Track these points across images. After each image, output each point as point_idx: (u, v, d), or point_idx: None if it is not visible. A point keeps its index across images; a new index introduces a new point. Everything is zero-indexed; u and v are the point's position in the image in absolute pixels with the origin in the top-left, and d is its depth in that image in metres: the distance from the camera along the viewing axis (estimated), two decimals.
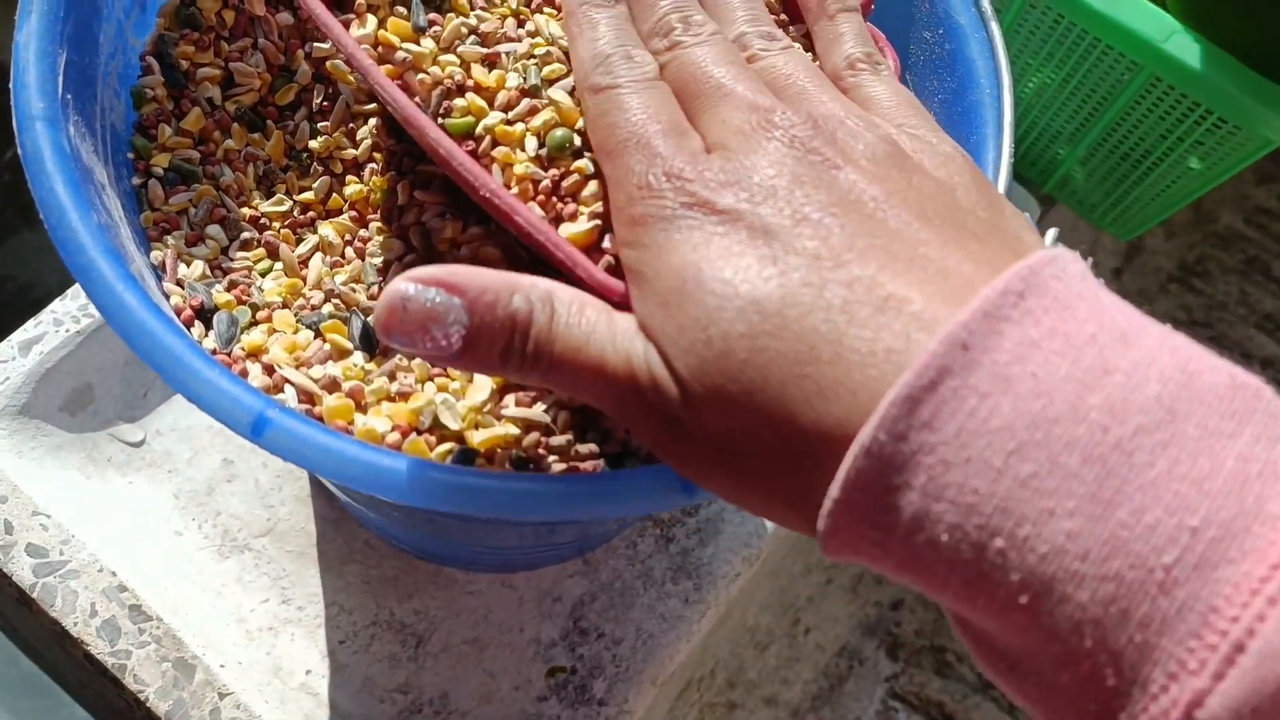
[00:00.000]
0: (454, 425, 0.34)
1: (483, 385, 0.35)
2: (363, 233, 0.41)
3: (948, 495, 0.23)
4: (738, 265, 0.27)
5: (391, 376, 0.36)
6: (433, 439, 0.34)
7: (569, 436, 0.35)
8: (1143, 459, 0.22)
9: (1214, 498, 0.22)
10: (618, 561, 0.59)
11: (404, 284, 0.28)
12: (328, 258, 0.41)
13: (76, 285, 0.59)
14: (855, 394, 0.25)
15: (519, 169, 0.35)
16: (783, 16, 0.42)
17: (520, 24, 0.39)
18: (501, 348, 0.28)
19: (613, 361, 0.28)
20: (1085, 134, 0.65)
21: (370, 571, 0.57)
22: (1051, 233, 0.36)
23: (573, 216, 0.34)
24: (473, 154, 0.35)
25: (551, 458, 0.34)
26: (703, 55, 0.32)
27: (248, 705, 0.51)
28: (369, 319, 0.38)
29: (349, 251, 0.41)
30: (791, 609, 0.79)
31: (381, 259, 0.40)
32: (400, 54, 0.37)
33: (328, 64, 0.43)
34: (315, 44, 0.43)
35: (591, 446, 0.35)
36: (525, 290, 0.29)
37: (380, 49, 0.38)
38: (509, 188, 0.35)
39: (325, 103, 0.43)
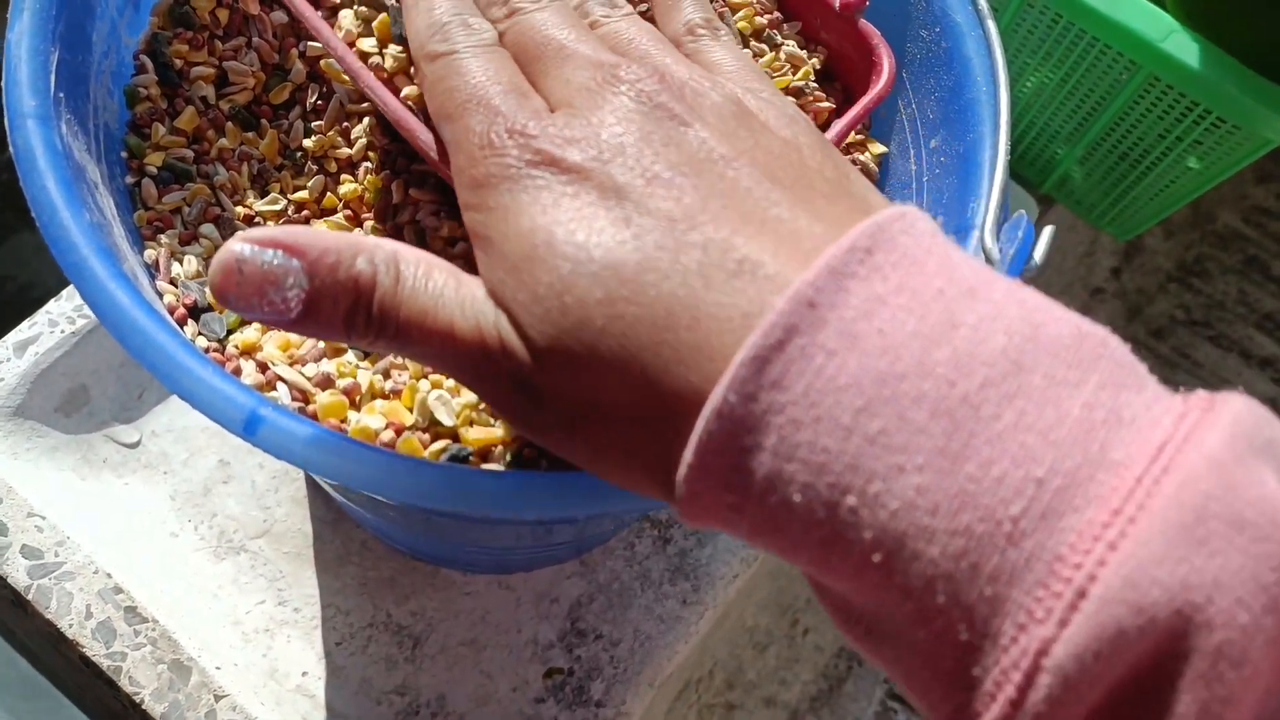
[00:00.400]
0: (448, 422, 0.34)
1: None
2: (357, 231, 0.41)
3: (799, 455, 0.23)
4: (590, 228, 0.26)
5: (386, 374, 0.36)
6: (426, 437, 0.34)
7: None
8: (989, 411, 0.22)
9: (1059, 447, 0.22)
10: (615, 563, 0.58)
11: (239, 245, 0.26)
12: None
13: (71, 286, 0.59)
14: (712, 359, 0.24)
15: None
16: (775, 15, 0.41)
17: None
18: (345, 312, 0.27)
19: (461, 327, 0.27)
20: (1084, 133, 0.64)
21: (367, 573, 0.56)
22: (1047, 231, 0.36)
23: None
24: None
25: (546, 455, 0.34)
26: (543, 20, 0.32)
27: (244, 707, 0.51)
28: None
29: None
30: (790, 610, 0.78)
31: None
32: (375, 59, 0.36)
33: (322, 63, 0.43)
34: (309, 43, 0.43)
35: None
36: (369, 252, 0.28)
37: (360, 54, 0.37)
38: None
39: (319, 102, 0.43)
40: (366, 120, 0.42)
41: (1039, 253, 0.35)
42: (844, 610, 0.25)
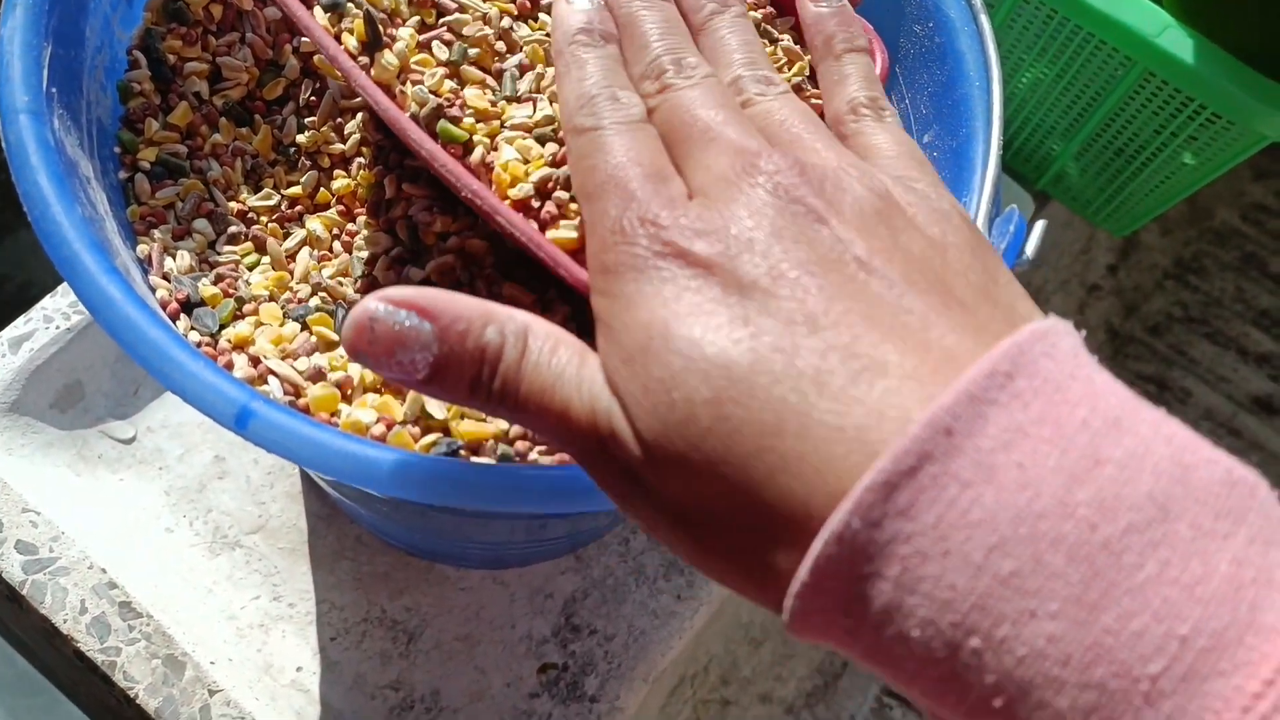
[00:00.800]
0: (440, 416, 0.34)
1: None
2: (350, 226, 0.41)
3: (922, 589, 0.22)
4: (707, 324, 0.25)
5: None
6: (417, 431, 0.34)
7: None
8: (1131, 560, 0.21)
9: (1205, 604, 0.20)
10: (610, 558, 0.58)
11: (373, 303, 0.26)
12: (315, 252, 0.41)
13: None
14: (820, 472, 0.23)
15: (517, 190, 0.34)
16: (769, 10, 0.41)
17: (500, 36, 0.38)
18: (469, 380, 0.27)
19: (577, 410, 0.27)
20: (1079, 129, 0.64)
21: (361, 568, 0.56)
22: (1039, 225, 0.36)
23: (556, 220, 0.34)
24: (457, 156, 0.35)
25: (538, 449, 0.34)
26: (693, 98, 0.30)
27: (238, 702, 0.51)
28: None
29: (336, 245, 0.41)
30: None
31: (369, 252, 0.40)
32: (363, 60, 0.36)
33: (315, 59, 0.43)
34: (303, 39, 0.43)
35: None
36: (500, 322, 0.27)
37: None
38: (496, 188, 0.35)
39: (313, 98, 0.43)
40: (359, 116, 0.42)
41: (1031, 247, 0.35)
42: None
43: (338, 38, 0.36)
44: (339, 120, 0.43)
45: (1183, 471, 0.21)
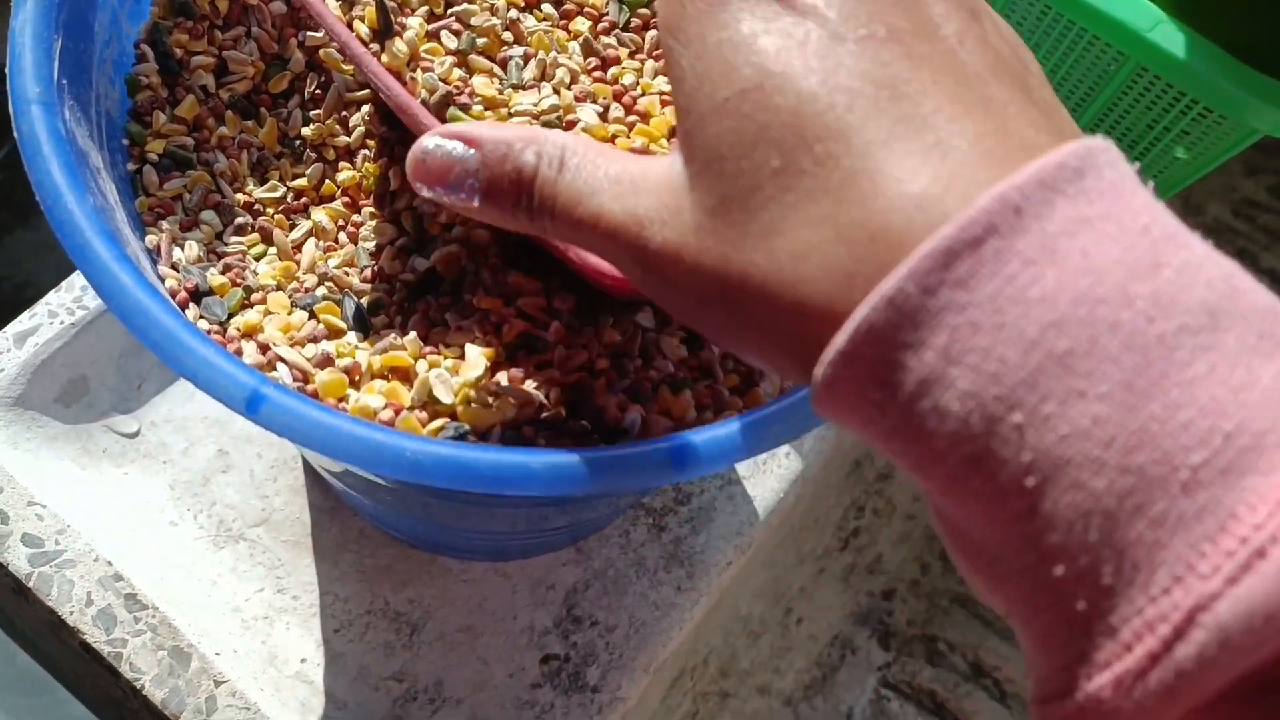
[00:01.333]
0: (447, 400, 0.34)
1: (476, 362, 0.35)
2: (355, 218, 0.42)
3: (969, 360, 0.21)
4: (788, 60, 0.25)
5: (385, 354, 0.36)
6: (424, 415, 0.34)
7: (560, 412, 0.35)
8: (1183, 357, 0.21)
9: (1249, 408, 0.21)
10: (610, 550, 0.59)
11: (429, 139, 0.29)
12: (321, 242, 0.41)
13: (70, 278, 0.60)
14: (874, 239, 0.23)
15: None
16: None
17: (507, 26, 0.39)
18: (512, 200, 0.29)
19: (610, 217, 0.27)
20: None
21: (365, 560, 0.57)
22: None
23: None
24: None
25: (544, 434, 0.35)
26: None
27: (243, 693, 0.52)
28: (362, 300, 0.39)
29: (342, 236, 0.41)
30: (784, 599, 0.79)
31: (374, 243, 0.41)
32: (374, 46, 0.37)
33: (320, 52, 0.43)
34: (309, 33, 0.43)
35: (583, 424, 0.35)
36: (539, 144, 0.29)
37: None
38: None
39: (318, 90, 0.43)
40: (365, 108, 0.43)
41: None
42: (965, 538, 0.24)
43: (349, 25, 0.36)
44: (344, 114, 0.43)
45: (1232, 291, 0.22)
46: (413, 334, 0.37)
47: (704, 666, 0.75)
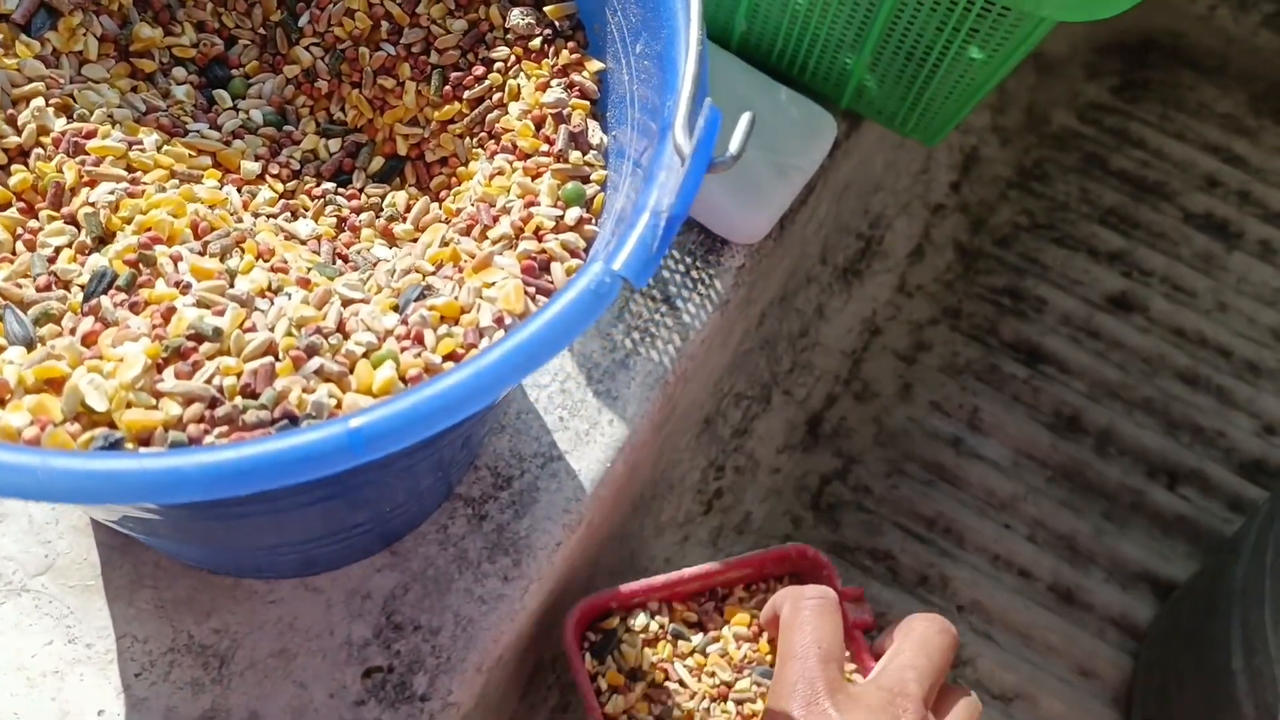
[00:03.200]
0: (100, 406, 0.30)
1: (135, 361, 0.31)
2: (33, 224, 0.38)
3: None
4: None
5: (38, 365, 0.32)
6: (77, 428, 0.30)
7: (235, 404, 0.31)
8: None
9: None
10: (428, 548, 0.55)
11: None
12: None
13: None
14: None
15: None
16: None
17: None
18: None
19: None
20: (866, 39, 0.62)
21: (163, 595, 0.53)
22: (745, 117, 0.33)
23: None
24: None
25: (218, 430, 0.31)
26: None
27: None
28: (28, 312, 0.35)
29: (19, 246, 0.37)
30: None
31: (52, 248, 0.37)
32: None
33: None
34: None
35: (261, 413, 0.31)
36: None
37: None
38: None
39: None
40: (34, 103, 0.39)
41: (735, 143, 0.32)
42: None
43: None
44: (10, 111, 0.39)
45: None
46: (70, 339, 0.33)
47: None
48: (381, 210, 0.43)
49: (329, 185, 0.43)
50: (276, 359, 0.33)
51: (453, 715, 0.53)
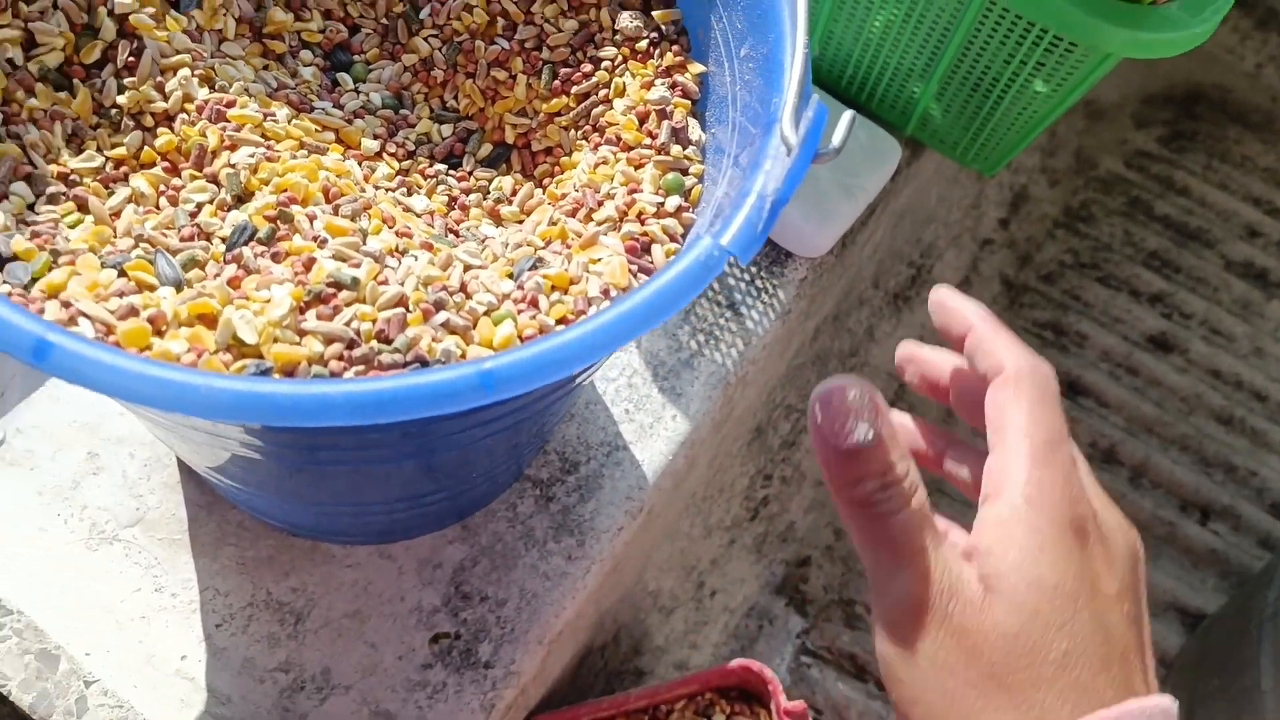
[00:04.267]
0: (251, 339, 0.33)
1: (282, 301, 0.34)
2: (176, 181, 0.41)
3: None
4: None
5: (192, 301, 0.35)
6: (229, 358, 0.33)
7: (372, 346, 0.34)
8: None
9: None
10: (497, 524, 0.58)
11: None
12: (140, 208, 0.40)
13: None
14: None
15: None
16: None
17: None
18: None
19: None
20: (935, 68, 0.65)
21: (245, 553, 0.56)
22: (847, 114, 0.36)
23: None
24: None
25: (355, 369, 0.34)
26: None
27: (115, 692, 0.50)
28: (176, 257, 0.38)
29: (163, 201, 0.40)
30: (694, 572, 0.78)
31: (194, 202, 0.40)
32: None
33: (131, 18, 0.42)
34: (118, 0, 0.42)
35: (395, 356, 0.34)
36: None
37: None
38: None
39: (131, 58, 0.42)
40: (182, 73, 0.42)
41: (838, 136, 0.35)
42: None
43: None
44: (160, 79, 0.42)
45: None
46: (219, 280, 0.36)
47: (614, 645, 0.74)
48: (488, 193, 0.46)
49: (440, 166, 0.47)
50: (407, 310, 0.36)
51: (514, 684, 0.55)
